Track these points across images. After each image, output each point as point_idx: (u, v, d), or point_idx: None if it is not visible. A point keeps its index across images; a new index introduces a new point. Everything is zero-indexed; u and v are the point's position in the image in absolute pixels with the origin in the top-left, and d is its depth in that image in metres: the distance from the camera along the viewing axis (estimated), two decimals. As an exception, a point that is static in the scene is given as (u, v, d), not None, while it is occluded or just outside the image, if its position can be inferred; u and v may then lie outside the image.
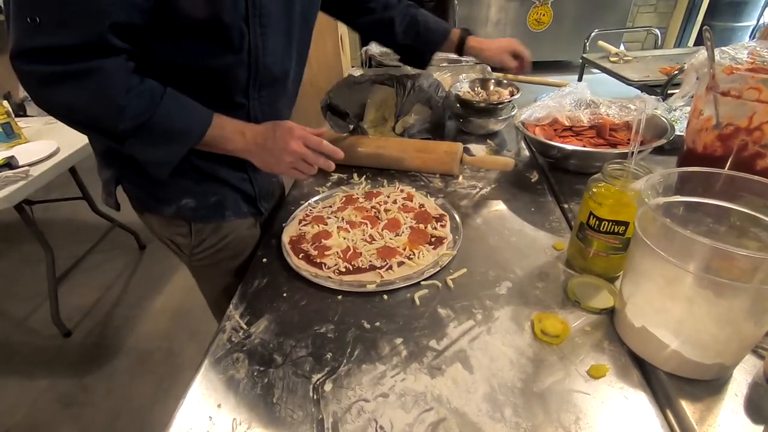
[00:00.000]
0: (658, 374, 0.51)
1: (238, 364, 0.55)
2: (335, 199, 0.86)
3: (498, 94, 1.14)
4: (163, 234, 0.82)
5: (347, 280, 0.65)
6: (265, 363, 0.55)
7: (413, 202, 0.83)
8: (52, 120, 1.78)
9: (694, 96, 0.77)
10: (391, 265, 0.67)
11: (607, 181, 0.60)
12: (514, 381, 0.51)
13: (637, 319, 0.52)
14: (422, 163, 0.94)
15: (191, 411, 0.49)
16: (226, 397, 0.51)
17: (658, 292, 0.50)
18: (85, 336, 1.77)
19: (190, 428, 0.48)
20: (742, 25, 4.02)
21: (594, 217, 0.60)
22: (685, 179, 0.54)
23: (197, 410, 0.50)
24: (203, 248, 0.81)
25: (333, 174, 0.97)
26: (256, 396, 0.51)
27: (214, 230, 0.80)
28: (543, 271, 0.67)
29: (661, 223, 0.46)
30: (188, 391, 0.52)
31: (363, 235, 0.74)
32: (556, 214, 0.81)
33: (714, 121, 0.71)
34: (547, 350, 0.54)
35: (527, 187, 0.90)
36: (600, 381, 0.50)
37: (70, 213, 2.45)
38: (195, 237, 0.80)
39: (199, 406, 0.50)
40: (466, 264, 0.69)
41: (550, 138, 0.91)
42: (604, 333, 0.56)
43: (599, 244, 0.62)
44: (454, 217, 0.78)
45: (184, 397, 0.51)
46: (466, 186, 0.92)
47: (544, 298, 0.62)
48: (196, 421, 0.48)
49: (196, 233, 0.80)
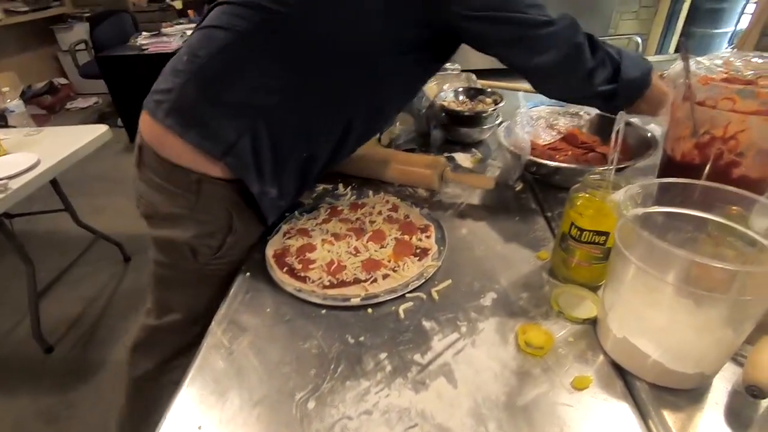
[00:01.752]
0: (640, 384, 0.51)
1: (219, 383, 0.54)
2: (320, 211, 0.86)
3: (482, 103, 1.15)
4: (189, 237, 0.75)
5: (331, 294, 0.65)
6: (247, 381, 0.54)
7: (398, 213, 0.83)
8: (32, 131, 1.77)
9: (671, 105, 0.78)
10: (376, 277, 0.67)
11: (587, 192, 0.61)
12: (498, 395, 0.50)
13: (619, 330, 0.52)
14: (404, 177, 0.94)
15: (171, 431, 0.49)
16: (207, 416, 0.50)
17: (639, 302, 0.50)
18: (69, 350, 1.74)
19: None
20: (721, 32, 4.12)
21: (575, 228, 0.61)
22: (664, 189, 0.55)
23: (177, 430, 0.49)
24: (227, 255, 0.77)
25: (318, 185, 0.97)
26: (238, 415, 0.50)
27: (247, 239, 0.78)
28: (527, 281, 0.68)
29: (639, 235, 0.46)
30: (168, 412, 0.51)
31: (348, 248, 0.74)
32: (540, 223, 0.81)
33: (691, 129, 0.72)
34: (531, 362, 0.54)
35: (511, 197, 0.90)
36: (583, 392, 0.50)
37: (53, 225, 2.41)
38: (230, 241, 0.76)
39: (180, 426, 0.49)
40: (451, 275, 0.69)
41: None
42: (588, 343, 0.57)
43: (581, 254, 0.62)
44: (439, 227, 0.79)
45: (163, 417, 0.50)
46: (451, 195, 0.92)
47: (529, 308, 0.62)
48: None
49: (235, 238, 0.76)
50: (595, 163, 0.90)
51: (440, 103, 1.13)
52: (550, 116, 1.01)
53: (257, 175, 0.71)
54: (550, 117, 1.01)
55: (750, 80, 0.68)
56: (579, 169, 0.82)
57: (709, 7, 4.07)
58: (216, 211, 0.75)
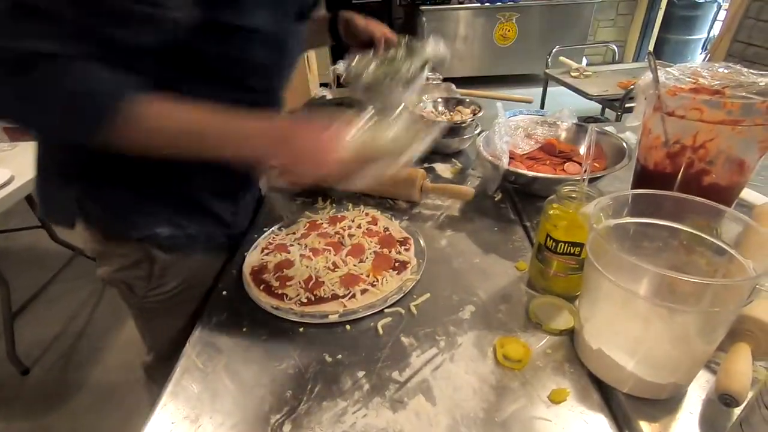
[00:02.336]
0: (616, 395, 0.51)
1: (193, 407, 0.52)
2: (299, 225, 0.85)
3: (460, 113, 1.16)
4: (114, 271, 0.75)
5: (309, 311, 0.64)
6: (221, 404, 0.52)
7: (378, 226, 0.82)
8: (6, 147, 1.72)
9: (643, 116, 0.80)
10: (354, 293, 0.67)
11: (561, 204, 0.61)
12: (477, 411, 0.50)
13: (595, 341, 0.52)
14: (383, 189, 0.94)
15: (141, 462, 0.47)
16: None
17: (613, 313, 0.50)
18: (47, 372, 1.68)
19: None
20: (694, 38, 4.25)
21: (551, 239, 0.61)
22: (636, 200, 0.55)
23: (148, 461, 0.47)
24: (162, 284, 0.75)
25: (297, 198, 0.96)
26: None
27: (179, 264, 0.75)
28: (506, 293, 0.68)
29: (609, 248, 0.47)
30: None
31: (326, 263, 0.73)
32: (518, 233, 0.82)
33: (662, 139, 0.74)
34: (509, 376, 0.54)
35: (491, 207, 0.91)
36: (561, 406, 0.50)
37: (30, 242, 2.35)
38: (157, 270, 0.74)
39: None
40: (429, 288, 0.69)
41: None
42: (565, 354, 0.57)
43: (558, 265, 0.62)
44: (418, 241, 0.78)
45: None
46: (431, 206, 0.92)
47: (507, 321, 0.62)
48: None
49: (160, 266, 0.74)
50: (573, 172, 0.91)
51: (419, 113, 1.13)
52: (528, 126, 1.02)
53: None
54: (528, 126, 1.02)
55: (717, 90, 0.69)
56: (555, 179, 0.83)
57: (683, 15, 4.20)
58: (128, 242, 0.72)
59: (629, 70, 2.23)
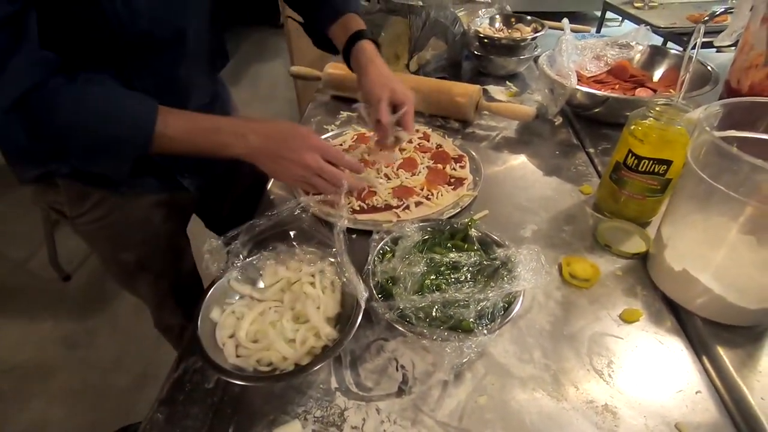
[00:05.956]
0: (693, 320, 0.48)
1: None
2: (346, 137, 0.80)
3: (519, 31, 1.06)
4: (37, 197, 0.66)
5: (362, 219, 0.61)
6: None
7: (430, 142, 0.78)
8: None
9: (744, 30, 0.70)
10: (408, 204, 0.63)
11: (650, 118, 0.55)
12: (543, 324, 0.48)
13: (677, 263, 0.48)
14: (435, 106, 0.88)
15: None
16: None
17: (702, 232, 0.46)
18: (86, 279, 1.76)
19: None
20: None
21: (633, 156, 0.55)
22: (747, 110, 0.49)
23: None
24: (86, 220, 0.66)
25: (342, 112, 0.91)
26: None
27: (99, 203, 0.65)
28: (570, 215, 0.63)
29: (719, 153, 0.41)
30: None
31: (377, 174, 0.69)
32: (581, 158, 0.76)
33: (765, 58, 0.65)
34: (576, 294, 0.51)
35: (550, 131, 0.84)
36: (633, 325, 0.48)
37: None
38: (72, 206, 0.65)
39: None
40: (487, 206, 0.65)
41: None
42: (636, 278, 0.53)
43: (636, 186, 0.57)
44: (473, 158, 0.73)
45: None
46: (484, 127, 0.86)
47: (572, 241, 0.59)
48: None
49: (73, 202, 0.64)
50: (644, 99, 0.83)
51: (475, 29, 1.04)
52: (597, 46, 0.92)
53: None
54: (597, 47, 0.92)
55: None
56: (631, 101, 0.75)
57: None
58: None
59: (699, 3, 2.00)
